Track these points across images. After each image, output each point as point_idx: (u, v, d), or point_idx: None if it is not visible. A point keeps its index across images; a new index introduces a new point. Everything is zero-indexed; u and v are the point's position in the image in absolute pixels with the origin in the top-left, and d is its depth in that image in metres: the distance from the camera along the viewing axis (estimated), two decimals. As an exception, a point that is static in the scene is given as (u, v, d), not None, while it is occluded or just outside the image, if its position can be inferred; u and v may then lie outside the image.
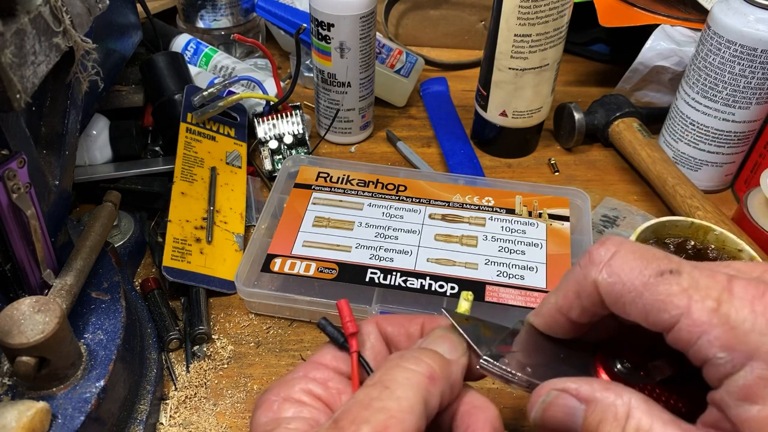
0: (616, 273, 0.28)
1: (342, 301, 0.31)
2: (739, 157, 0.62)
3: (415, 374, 0.28)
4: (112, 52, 0.58)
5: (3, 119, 0.35)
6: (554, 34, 0.59)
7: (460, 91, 0.78)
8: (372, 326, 0.34)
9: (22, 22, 0.32)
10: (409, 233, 0.54)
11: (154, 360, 0.46)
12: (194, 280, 0.51)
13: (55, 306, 0.35)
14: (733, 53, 0.55)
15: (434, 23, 0.83)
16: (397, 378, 0.28)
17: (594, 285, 0.28)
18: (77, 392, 0.37)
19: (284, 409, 0.30)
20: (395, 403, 0.26)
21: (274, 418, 0.29)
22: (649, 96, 0.74)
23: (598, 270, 0.28)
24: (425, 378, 0.28)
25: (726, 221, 0.54)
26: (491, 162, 0.68)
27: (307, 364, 0.32)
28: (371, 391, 0.27)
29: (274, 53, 0.79)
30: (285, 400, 0.30)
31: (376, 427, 0.25)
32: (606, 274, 0.28)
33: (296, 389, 0.31)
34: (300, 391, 0.30)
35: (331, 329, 0.32)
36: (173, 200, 0.54)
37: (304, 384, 0.31)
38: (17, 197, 0.35)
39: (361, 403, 0.27)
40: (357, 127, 0.68)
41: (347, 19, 0.60)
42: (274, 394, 0.30)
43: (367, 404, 0.26)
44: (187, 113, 0.60)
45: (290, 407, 0.30)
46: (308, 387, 0.31)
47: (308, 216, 0.55)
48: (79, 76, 0.40)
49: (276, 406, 0.30)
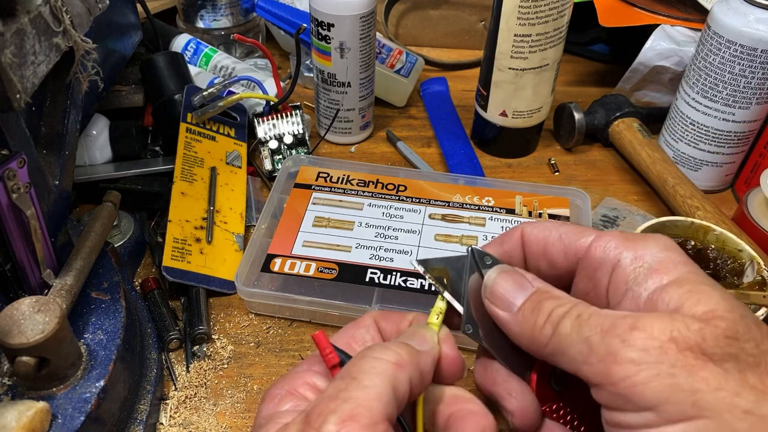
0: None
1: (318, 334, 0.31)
2: (739, 157, 0.62)
3: (382, 362, 0.28)
4: (112, 52, 0.58)
5: (3, 119, 0.35)
6: (554, 34, 0.59)
7: (460, 91, 0.78)
8: (370, 320, 0.35)
9: (22, 22, 0.32)
10: (409, 233, 0.54)
11: (154, 360, 0.46)
12: (194, 280, 0.51)
13: (55, 306, 0.35)
14: (733, 53, 0.55)
15: (434, 23, 0.83)
16: (363, 368, 0.28)
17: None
18: (77, 392, 0.37)
19: (284, 403, 0.30)
20: (362, 392, 0.27)
21: (273, 411, 0.30)
22: (649, 96, 0.74)
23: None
24: (392, 365, 0.28)
25: (726, 221, 0.54)
26: (491, 162, 0.68)
27: (311, 357, 0.33)
28: (339, 383, 0.27)
29: (274, 53, 0.79)
30: (288, 393, 0.30)
31: (343, 417, 0.25)
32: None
33: (300, 382, 0.31)
34: (303, 384, 0.31)
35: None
36: (173, 200, 0.54)
37: (308, 377, 0.31)
38: (17, 197, 0.35)
39: (330, 396, 0.27)
40: (357, 127, 0.68)
41: (347, 19, 0.60)
42: (279, 387, 0.31)
43: (334, 396, 0.27)
44: (187, 113, 0.60)
45: (290, 401, 0.30)
46: (312, 380, 0.31)
47: (308, 216, 0.55)
48: (79, 76, 0.40)
49: (278, 399, 0.30)
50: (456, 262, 0.34)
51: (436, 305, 0.34)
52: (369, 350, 0.29)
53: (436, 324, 0.33)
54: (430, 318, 0.34)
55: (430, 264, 0.34)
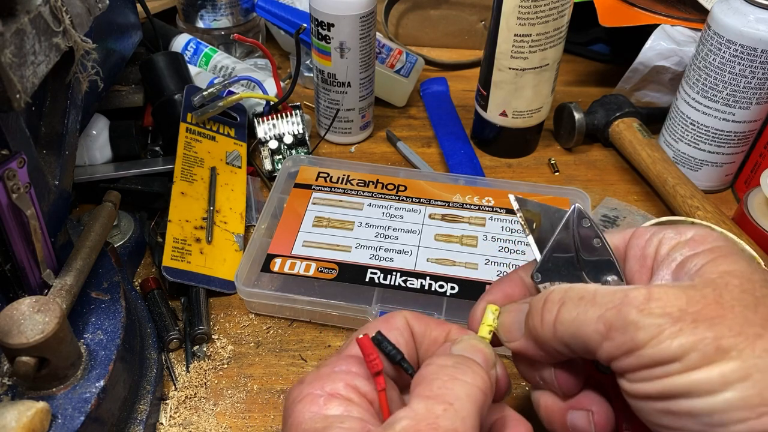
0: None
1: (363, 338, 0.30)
2: (739, 157, 0.62)
3: (473, 389, 0.28)
4: (112, 52, 0.58)
5: (3, 119, 0.35)
6: (554, 34, 0.59)
7: (460, 91, 0.78)
8: (403, 321, 0.34)
9: (22, 22, 0.32)
10: (409, 233, 0.54)
11: (154, 360, 0.46)
12: (194, 280, 0.51)
13: (55, 306, 0.35)
14: (733, 53, 0.55)
15: (434, 23, 0.83)
16: (458, 393, 0.27)
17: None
18: (77, 392, 0.37)
19: (332, 407, 0.28)
20: (461, 424, 0.26)
21: (323, 415, 0.28)
22: (649, 96, 0.74)
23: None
24: (481, 393, 0.28)
25: (726, 221, 0.54)
26: (491, 162, 0.68)
27: (344, 358, 0.31)
28: (434, 406, 0.26)
29: (274, 53, 0.79)
30: (331, 396, 0.29)
31: None
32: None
33: (341, 385, 0.29)
34: (346, 387, 0.29)
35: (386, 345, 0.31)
36: (173, 200, 0.54)
37: (349, 379, 0.29)
38: (17, 197, 0.35)
39: (422, 417, 0.26)
40: (357, 127, 0.68)
41: (347, 19, 0.60)
42: (317, 388, 0.29)
43: (432, 423, 0.26)
44: (187, 113, 0.60)
45: (338, 405, 0.28)
46: (354, 383, 0.29)
47: (308, 216, 0.55)
48: (79, 76, 0.40)
49: (322, 401, 0.28)
50: (554, 212, 0.34)
51: (487, 317, 0.33)
52: (455, 370, 0.29)
53: (487, 337, 0.33)
54: (481, 330, 0.33)
55: (526, 204, 0.34)
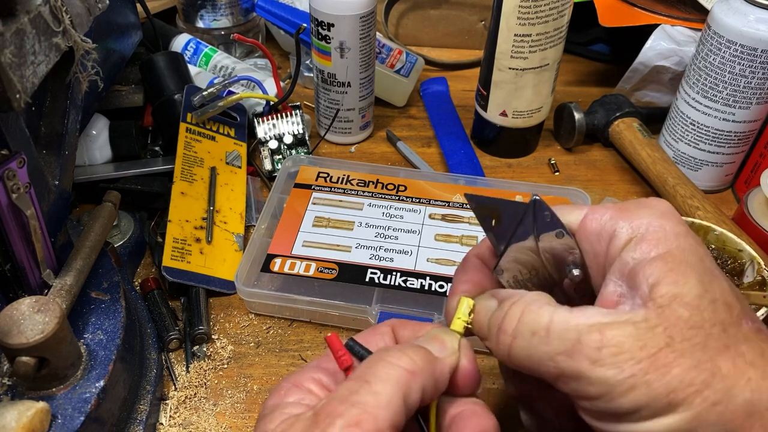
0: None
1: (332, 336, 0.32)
2: (740, 157, 0.62)
3: (396, 368, 0.28)
4: (112, 52, 0.58)
5: (3, 119, 0.35)
6: (554, 34, 0.59)
7: (460, 91, 0.78)
8: (387, 328, 0.35)
9: (21, 22, 0.32)
10: (409, 233, 0.54)
11: (154, 360, 0.46)
12: (194, 280, 0.51)
13: (54, 306, 0.35)
14: (733, 53, 0.55)
15: (434, 23, 0.83)
16: (377, 372, 0.28)
17: None
18: (77, 392, 0.37)
19: (290, 395, 0.31)
20: (372, 398, 0.27)
21: (279, 402, 0.30)
22: (649, 96, 0.74)
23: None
24: (405, 372, 0.28)
25: (726, 221, 0.54)
26: (491, 162, 0.68)
27: (323, 356, 0.33)
28: (352, 384, 0.28)
29: (274, 53, 0.79)
30: (293, 386, 0.31)
31: (349, 421, 0.26)
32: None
33: (306, 377, 0.32)
34: (309, 379, 0.31)
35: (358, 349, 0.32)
36: (173, 200, 0.54)
37: (314, 373, 0.32)
38: (17, 197, 0.35)
39: (340, 396, 0.27)
40: (357, 127, 0.68)
41: (347, 19, 0.60)
42: (286, 381, 0.32)
43: (345, 398, 0.27)
44: (187, 113, 0.60)
45: (296, 393, 0.31)
46: (318, 376, 0.32)
47: (308, 216, 0.55)
48: (79, 76, 0.40)
49: (284, 392, 0.31)
50: (512, 206, 0.33)
51: (460, 310, 0.33)
52: (385, 353, 0.29)
53: (459, 330, 0.33)
54: (454, 324, 0.33)
55: (481, 201, 0.33)
